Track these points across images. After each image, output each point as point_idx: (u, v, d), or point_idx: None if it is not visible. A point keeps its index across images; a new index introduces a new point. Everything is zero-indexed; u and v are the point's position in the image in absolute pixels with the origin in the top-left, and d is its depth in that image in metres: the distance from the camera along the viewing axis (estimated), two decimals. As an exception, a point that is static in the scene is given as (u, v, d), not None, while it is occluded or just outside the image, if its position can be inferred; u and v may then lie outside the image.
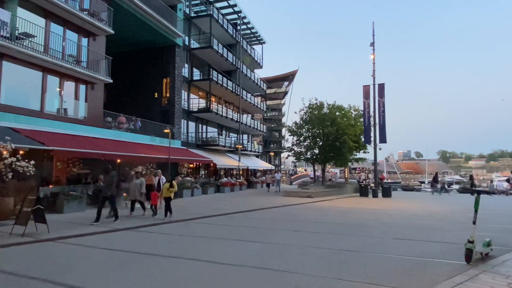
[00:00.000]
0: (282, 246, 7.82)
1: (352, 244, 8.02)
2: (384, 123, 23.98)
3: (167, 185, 12.40)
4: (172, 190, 12.35)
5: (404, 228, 10.70)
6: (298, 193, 23.81)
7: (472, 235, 6.05)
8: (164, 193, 12.44)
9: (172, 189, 12.29)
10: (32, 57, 14.62)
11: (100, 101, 19.10)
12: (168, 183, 12.41)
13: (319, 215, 13.71)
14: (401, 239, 8.77)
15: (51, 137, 14.38)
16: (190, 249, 7.56)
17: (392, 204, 19.20)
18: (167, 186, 12.35)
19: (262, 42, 42.57)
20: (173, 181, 12.50)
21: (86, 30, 17.91)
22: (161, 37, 24.47)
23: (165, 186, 12.47)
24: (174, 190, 12.46)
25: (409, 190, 33.22)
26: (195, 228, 10.53)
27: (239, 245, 8.05)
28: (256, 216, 13.37)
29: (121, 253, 7.18)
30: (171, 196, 12.41)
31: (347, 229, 10.42)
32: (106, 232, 9.53)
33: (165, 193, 12.40)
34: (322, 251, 7.27)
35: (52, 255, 7.07)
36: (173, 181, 12.50)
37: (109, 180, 11.11)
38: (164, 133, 22.73)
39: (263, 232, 9.88)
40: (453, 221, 12.32)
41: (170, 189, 12.24)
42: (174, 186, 12.47)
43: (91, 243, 8.11)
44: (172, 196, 12.44)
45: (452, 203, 20.08)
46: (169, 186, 12.26)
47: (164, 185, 12.62)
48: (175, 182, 12.53)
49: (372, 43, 24.80)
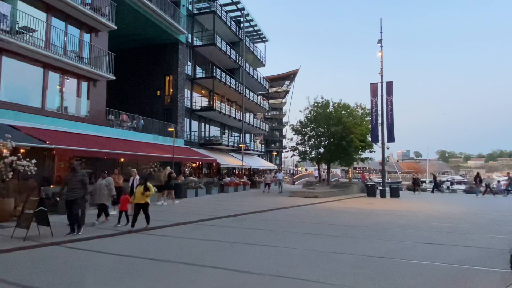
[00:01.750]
0: (304, 252, 7.29)
1: (378, 250, 7.50)
2: (392, 121, 23.48)
3: (140, 188, 9.86)
4: (148, 195, 9.86)
5: (426, 231, 10.19)
6: (304, 193, 23.30)
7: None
8: (137, 198, 9.83)
9: (147, 193, 9.82)
10: (33, 52, 14.05)
11: (103, 98, 18.56)
12: (142, 186, 9.89)
13: (332, 217, 13.19)
14: (428, 243, 8.24)
15: (53, 135, 13.85)
16: (206, 255, 7.03)
17: (402, 204, 18.70)
18: (140, 189, 9.83)
19: (264, 40, 42.05)
20: (147, 183, 9.93)
21: (88, 26, 17.36)
22: (164, 34, 23.93)
23: (139, 189, 9.90)
24: (150, 194, 9.91)
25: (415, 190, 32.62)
26: (207, 231, 10.00)
27: (257, 250, 7.51)
28: (268, 218, 12.84)
29: (131, 259, 6.64)
30: (148, 201, 10.01)
31: (367, 232, 9.90)
32: (113, 236, 8.99)
33: (138, 198, 9.80)
34: (350, 258, 6.75)
35: (57, 262, 6.53)
36: (147, 183, 9.93)
37: (77, 180, 8.87)
38: (167, 131, 22.23)
39: (279, 235, 9.35)
40: (475, 224, 11.79)
41: (146, 193, 9.79)
42: (150, 189, 9.87)
43: (98, 248, 7.57)
44: (148, 201, 10.06)
45: (462, 204, 19.59)
46: (144, 189, 9.82)
47: (137, 188, 10.07)
48: (151, 185, 9.99)
49: (379, 40, 24.28)
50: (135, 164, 19.94)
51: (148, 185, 9.82)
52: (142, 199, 9.82)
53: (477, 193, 25.82)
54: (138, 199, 9.82)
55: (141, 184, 10.02)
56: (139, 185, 10.08)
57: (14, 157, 10.64)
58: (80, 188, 8.79)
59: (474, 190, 27.46)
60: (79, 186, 8.79)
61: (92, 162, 17.00)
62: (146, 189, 9.79)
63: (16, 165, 10.70)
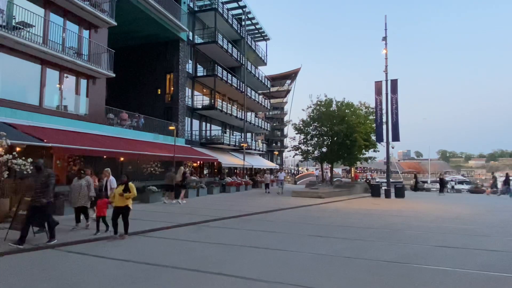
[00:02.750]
0: (316, 256, 6.86)
1: (394, 254, 7.06)
2: (397, 120, 23.03)
3: (120, 188, 8.44)
4: (128, 196, 8.38)
5: (440, 233, 9.75)
6: (308, 193, 22.89)
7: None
8: (116, 201, 8.43)
9: (128, 195, 8.35)
10: (30, 48, 13.62)
11: (102, 96, 18.12)
12: (122, 186, 8.45)
13: (339, 218, 12.75)
14: (445, 246, 7.81)
15: (51, 134, 13.44)
16: (210, 260, 6.60)
17: (409, 205, 18.26)
18: (120, 190, 8.40)
19: (266, 38, 41.60)
20: (130, 183, 8.50)
21: (88, 22, 16.94)
22: (165, 31, 23.51)
23: (117, 190, 8.49)
24: (132, 195, 8.46)
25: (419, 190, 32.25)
26: (211, 233, 9.56)
27: (265, 255, 7.07)
28: (273, 219, 12.41)
29: (130, 265, 6.21)
30: (129, 204, 8.53)
31: (379, 234, 9.45)
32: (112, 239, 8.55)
33: (118, 201, 8.40)
34: (365, 263, 6.32)
35: (53, 267, 6.10)
36: (130, 183, 8.50)
37: (41, 182, 7.56)
38: (168, 130, 21.82)
39: (287, 238, 8.91)
40: (488, 225, 11.37)
41: (126, 195, 8.33)
42: (132, 189, 8.42)
43: (97, 252, 7.14)
44: (130, 205, 8.58)
45: (469, 204, 19.16)
46: (124, 189, 8.37)
47: (116, 190, 8.64)
48: (132, 184, 8.56)
49: (384, 37, 23.83)
50: (136, 163, 19.60)
51: (129, 185, 8.45)
52: (121, 201, 8.38)
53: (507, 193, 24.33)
54: (117, 201, 8.43)
55: (121, 184, 8.56)
56: (120, 185, 8.65)
57: (10, 156, 10.23)
58: (45, 191, 7.46)
59: (480, 190, 27.08)
60: (44, 189, 7.45)
61: (91, 161, 16.57)
62: (126, 189, 8.40)
63: (12, 164, 10.30)
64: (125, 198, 8.38)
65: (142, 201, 16.59)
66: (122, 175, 8.83)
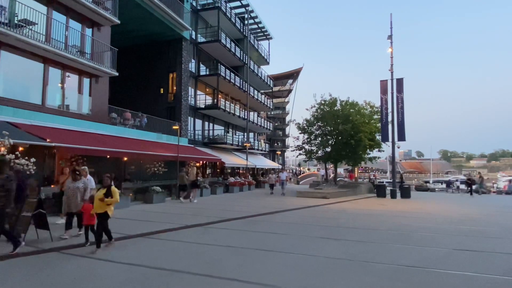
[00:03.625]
0: (332, 261, 6.60)
1: (411, 257, 6.80)
2: (403, 119, 22.78)
3: (101, 192, 7.34)
4: (110, 202, 7.26)
5: (454, 235, 9.49)
6: (313, 193, 22.64)
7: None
8: (96, 207, 7.29)
9: (109, 200, 7.23)
10: (33, 46, 13.38)
11: (105, 95, 17.89)
12: (104, 189, 7.35)
13: (348, 219, 12.48)
14: (463, 249, 7.54)
15: (53, 133, 13.20)
16: (221, 264, 6.35)
17: (417, 206, 17.98)
18: (100, 195, 7.28)
19: (269, 37, 41.35)
20: (113, 187, 7.40)
21: (90, 20, 16.71)
22: (167, 30, 23.27)
23: (98, 195, 7.34)
24: (114, 201, 7.32)
25: (423, 190, 32.03)
26: (218, 235, 9.31)
27: (277, 258, 6.81)
28: (280, 220, 12.16)
29: (140, 270, 5.97)
30: (109, 211, 7.34)
31: (392, 236, 9.19)
32: (119, 240, 8.31)
33: (98, 207, 7.26)
34: (384, 268, 6.05)
35: (57, 272, 5.85)
36: (113, 187, 7.40)
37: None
38: (171, 130, 21.58)
39: (298, 240, 8.64)
40: (505, 227, 11.10)
41: (106, 200, 7.22)
42: (115, 194, 7.32)
43: (102, 255, 6.89)
44: (111, 212, 7.40)
45: (477, 204, 18.88)
46: (105, 194, 7.27)
47: (97, 194, 7.46)
48: (116, 189, 7.45)
49: (389, 35, 23.58)
50: (139, 163, 19.36)
51: (112, 190, 7.32)
52: (101, 207, 7.25)
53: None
54: (96, 207, 7.30)
55: (103, 187, 7.43)
56: (101, 189, 7.53)
57: (13, 156, 9.99)
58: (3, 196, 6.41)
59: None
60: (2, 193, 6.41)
61: (94, 161, 16.34)
62: (107, 193, 7.26)
63: (15, 164, 10.06)
64: (105, 204, 7.26)
65: (146, 202, 16.37)
66: (105, 176, 7.61)
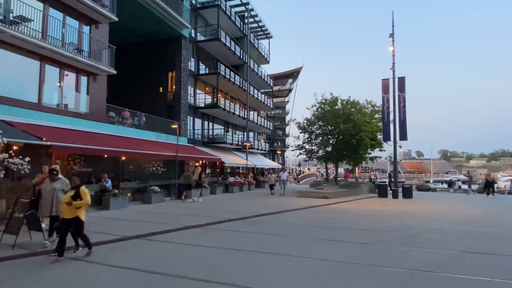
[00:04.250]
0: (337, 264, 6.33)
1: (420, 260, 6.52)
2: (404, 119, 22.50)
3: (68, 195, 6.62)
4: (79, 205, 6.50)
5: (461, 236, 9.23)
6: (313, 193, 22.36)
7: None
8: (64, 211, 6.56)
9: (78, 203, 6.48)
10: (29, 44, 13.09)
11: (103, 94, 17.61)
12: (71, 192, 6.67)
13: (350, 220, 12.22)
14: (473, 252, 7.27)
15: (50, 132, 12.92)
16: (223, 268, 6.07)
17: (419, 206, 17.72)
18: (67, 197, 6.57)
19: (269, 36, 41.07)
20: (82, 187, 6.71)
21: (88, 17, 16.42)
22: (167, 28, 22.98)
23: (65, 198, 6.64)
24: (83, 204, 6.58)
25: (424, 190, 31.76)
26: (218, 237, 9.04)
27: (282, 262, 6.52)
28: (281, 221, 11.88)
29: (136, 274, 5.70)
30: (81, 216, 6.59)
31: (397, 238, 8.92)
32: (112, 242, 8.05)
33: (66, 212, 6.52)
34: (394, 272, 5.77)
35: (50, 276, 5.58)
36: (82, 187, 6.71)
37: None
38: (170, 129, 21.31)
39: (301, 242, 8.37)
40: (509, 227, 10.87)
41: (75, 203, 6.45)
42: (84, 196, 6.59)
43: (96, 258, 6.62)
44: (83, 216, 6.65)
45: (480, 205, 18.63)
46: (73, 196, 6.53)
47: (66, 196, 6.74)
48: (86, 190, 6.72)
49: (391, 34, 23.29)
50: (137, 163, 19.10)
51: (81, 191, 6.61)
52: (70, 211, 6.46)
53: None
54: (64, 211, 6.54)
55: (71, 189, 6.75)
56: (69, 190, 6.83)
57: (6, 155, 9.71)
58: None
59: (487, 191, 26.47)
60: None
61: (92, 160, 16.10)
62: (76, 195, 6.55)
63: (9, 163, 9.79)
64: (74, 207, 6.47)
65: (144, 202, 16.11)
66: (73, 176, 6.90)
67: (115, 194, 13.97)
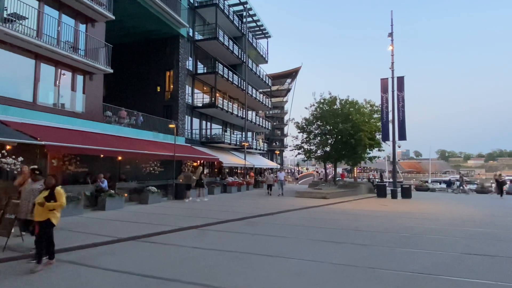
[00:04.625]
0: (337, 267, 6.17)
1: (422, 263, 6.36)
2: (403, 118, 22.39)
3: (41, 196, 6.04)
4: (52, 207, 5.92)
5: (462, 237, 9.08)
6: (312, 193, 22.21)
7: None
8: (37, 214, 5.98)
9: (51, 205, 5.90)
10: (23, 42, 12.88)
11: (99, 93, 17.40)
12: (46, 192, 6.08)
13: (350, 221, 12.06)
14: (475, 254, 7.13)
15: (45, 131, 12.72)
16: (220, 271, 5.90)
17: (418, 206, 17.60)
18: (40, 198, 5.98)
19: (267, 36, 40.90)
20: (57, 188, 6.11)
21: (84, 15, 16.21)
22: (164, 27, 22.77)
23: (40, 197, 6.05)
24: (58, 205, 6.00)
25: (423, 190, 31.65)
26: (216, 238, 8.87)
27: (281, 265, 6.35)
28: (280, 222, 11.72)
29: (130, 278, 5.52)
30: (53, 219, 5.98)
31: (398, 239, 8.77)
32: (106, 244, 7.86)
33: (38, 214, 5.95)
34: (394, 276, 5.62)
35: (42, 280, 5.40)
36: (57, 188, 6.11)
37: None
38: (168, 129, 21.11)
39: (300, 244, 8.21)
40: (509, 228, 10.75)
41: (48, 205, 5.87)
42: (60, 196, 6.02)
43: (93, 261, 6.44)
44: (56, 219, 6.05)
45: (479, 205, 18.53)
46: (47, 197, 5.95)
47: (38, 197, 6.14)
48: (61, 190, 6.15)
49: (390, 33, 23.18)
50: (134, 163, 18.90)
51: (56, 191, 6.03)
52: (42, 214, 5.90)
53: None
54: (37, 213, 5.96)
55: (46, 189, 6.15)
56: (43, 191, 6.21)
57: (-1, 154, 9.54)
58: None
59: (486, 191, 26.49)
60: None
61: (88, 160, 15.90)
62: (50, 197, 5.96)
63: (1, 163, 9.61)
64: (47, 209, 5.90)
65: (141, 202, 15.92)
66: (48, 176, 6.37)
67: (111, 195, 13.77)
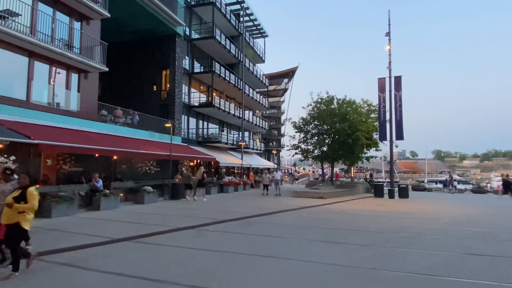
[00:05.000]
0: (337, 268, 6.04)
1: (421, 264, 6.25)
2: (401, 118, 22.34)
3: (10, 197, 5.45)
4: (22, 208, 5.37)
5: (461, 237, 9.00)
6: (309, 193, 22.10)
7: None
8: (6, 215, 5.42)
9: (21, 206, 5.35)
10: (17, 39, 12.67)
11: (95, 92, 17.20)
12: (17, 192, 5.52)
13: (347, 221, 11.96)
14: (475, 254, 7.03)
15: (39, 130, 12.53)
16: (216, 273, 5.75)
17: (416, 206, 17.54)
18: (9, 199, 5.40)
19: (264, 35, 40.79)
20: (30, 188, 5.56)
21: (79, 13, 16.02)
22: (160, 26, 22.59)
23: (9, 198, 5.45)
24: (29, 207, 5.44)
25: (420, 190, 31.70)
26: (212, 239, 8.71)
27: (279, 266, 6.21)
28: (277, 222, 11.59)
29: (125, 280, 5.35)
30: (22, 223, 5.41)
31: (397, 239, 8.65)
32: (101, 245, 7.68)
33: (7, 216, 5.41)
34: (395, 277, 5.50)
35: (31, 285, 5.22)
36: (30, 188, 5.56)
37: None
38: (164, 128, 20.93)
39: (299, 244, 8.07)
40: (508, 228, 10.69)
41: (17, 206, 5.32)
42: (31, 198, 5.44)
43: (86, 263, 6.26)
44: (26, 223, 5.47)
45: (476, 205, 18.53)
46: (17, 198, 5.40)
47: (8, 197, 5.52)
48: (35, 191, 5.58)
49: (387, 33, 23.12)
50: (130, 162, 18.70)
51: (28, 192, 5.46)
52: (11, 216, 5.37)
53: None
54: (6, 216, 5.40)
55: (18, 189, 5.60)
56: (15, 191, 5.63)
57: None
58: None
59: (483, 190, 26.53)
60: None
61: (83, 160, 15.70)
62: (21, 197, 5.41)
63: (-7, 162, 9.40)
64: (16, 211, 5.35)
65: (137, 202, 15.72)
66: (21, 175, 5.86)
67: (106, 194, 13.57)
